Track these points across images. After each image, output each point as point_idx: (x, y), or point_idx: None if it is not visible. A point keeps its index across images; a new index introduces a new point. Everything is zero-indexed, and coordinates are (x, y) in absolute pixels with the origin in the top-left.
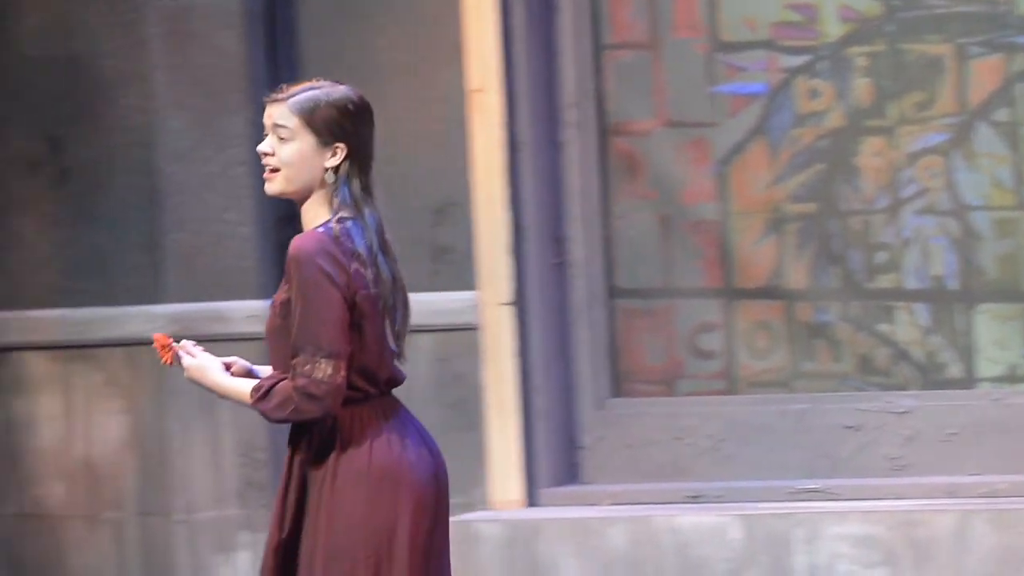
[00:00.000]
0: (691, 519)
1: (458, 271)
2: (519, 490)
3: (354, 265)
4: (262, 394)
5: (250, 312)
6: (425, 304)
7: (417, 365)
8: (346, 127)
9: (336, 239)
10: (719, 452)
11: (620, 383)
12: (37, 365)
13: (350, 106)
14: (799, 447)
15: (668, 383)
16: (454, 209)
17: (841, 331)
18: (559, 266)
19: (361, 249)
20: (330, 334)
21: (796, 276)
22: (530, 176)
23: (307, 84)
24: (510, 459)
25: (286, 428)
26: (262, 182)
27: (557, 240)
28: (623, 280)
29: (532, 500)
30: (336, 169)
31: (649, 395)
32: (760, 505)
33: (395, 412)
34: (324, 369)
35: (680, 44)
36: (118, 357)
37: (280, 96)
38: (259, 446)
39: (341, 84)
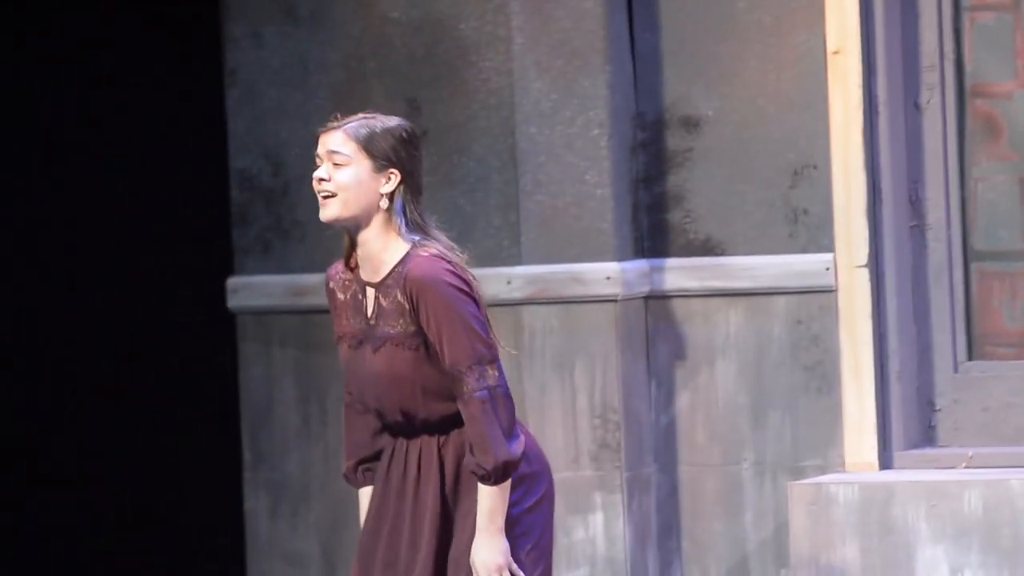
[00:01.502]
0: None
1: (814, 233)
2: (873, 452)
3: (467, 275)
4: (493, 448)
5: (608, 274)
6: (781, 266)
7: (773, 327)
8: (400, 153)
9: (443, 257)
10: None
11: (976, 346)
12: None
13: (404, 134)
14: None
15: None
16: (811, 171)
17: None
18: (916, 228)
19: (461, 261)
20: (485, 341)
21: None
22: (888, 138)
23: (360, 115)
24: (865, 421)
25: (641, 392)
26: (620, 144)
27: (914, 202)
28: (981, 243)
29: (886, 462)
30: (391, 195)
31: (1006, 358)
32: None
33: None
34: (492, 374)
35: None
36: None
37: (335, 124)
38: (613, 407)
39: (392, 116)
